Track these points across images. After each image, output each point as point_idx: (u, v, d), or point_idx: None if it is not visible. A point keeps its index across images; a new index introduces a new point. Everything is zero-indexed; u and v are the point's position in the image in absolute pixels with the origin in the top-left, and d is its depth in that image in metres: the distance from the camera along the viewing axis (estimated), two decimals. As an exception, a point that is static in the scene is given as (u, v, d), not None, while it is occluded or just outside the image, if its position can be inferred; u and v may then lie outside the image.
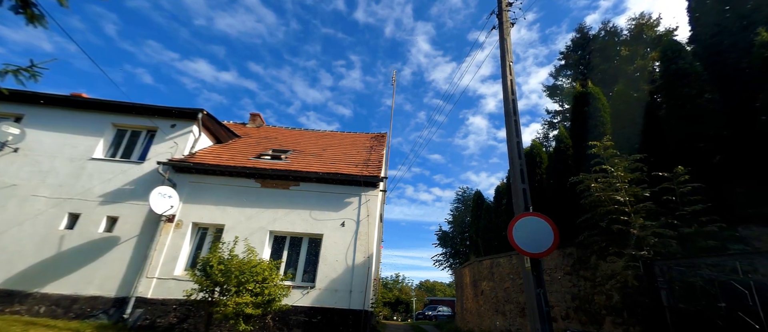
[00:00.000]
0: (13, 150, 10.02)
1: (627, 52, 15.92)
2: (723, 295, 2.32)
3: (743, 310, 2.13)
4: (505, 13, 7.20)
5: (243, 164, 10.72)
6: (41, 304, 8.52)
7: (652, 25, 17.53)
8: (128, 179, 10.07)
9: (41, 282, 8.72)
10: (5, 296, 8.53)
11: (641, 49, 16.01)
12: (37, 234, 9.18)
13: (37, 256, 8.98)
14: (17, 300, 8.52)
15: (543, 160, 8.49)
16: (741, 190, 4.48)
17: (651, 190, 4.51)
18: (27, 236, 9.14)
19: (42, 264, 8.91)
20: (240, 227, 9.71)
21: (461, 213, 25.54)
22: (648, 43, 16.16)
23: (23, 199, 9.54)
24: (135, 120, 10.95)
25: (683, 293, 2.57)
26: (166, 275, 9.05)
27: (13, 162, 9.95)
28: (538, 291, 5.54)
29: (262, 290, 7.77)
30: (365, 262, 9.64)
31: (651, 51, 14.19)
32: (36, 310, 8.44)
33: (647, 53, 14.98)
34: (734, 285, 2.24)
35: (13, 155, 10.01)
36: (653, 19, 17.85)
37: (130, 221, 9.53)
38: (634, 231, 4.12)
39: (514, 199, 6.01)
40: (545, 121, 22.01)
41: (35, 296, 8.59)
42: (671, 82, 5.52)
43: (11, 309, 8.42)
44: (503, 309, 8.89)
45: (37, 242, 9.10)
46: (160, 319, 8.61)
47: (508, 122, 6.50)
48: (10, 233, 9.15)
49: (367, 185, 10.49)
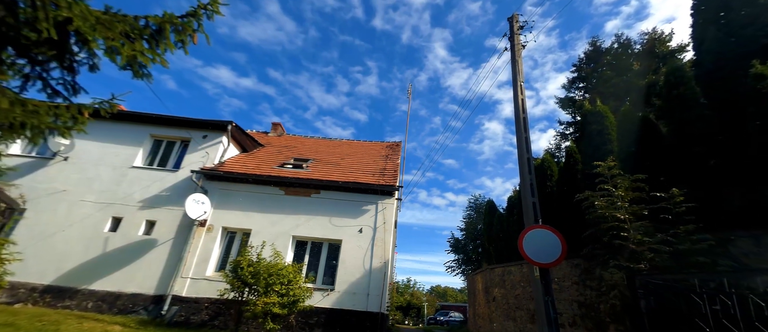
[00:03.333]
0: (64, 159, 11.05)
1: (639, 67, 16.04)
2: (710, 305, 2.76)
3: (726, 318, 2.57)
4: (516, 37, 7.67)
5: (268, 172, 11.45)
6: (89, 300, 9.39)
7: (664, 41, 17.58)
8: (164, 185, 10.93)
9: (88, 279, 9.61)
10: (57, 292, 9.44)
11: (653, 64, 16.11)
12: (84, 236, 10.10)
13: (84, 256, 9.88)
14: (68, 295, 9.41)
15: (554, 173, 8.85)
16: (734, 199, 4.84)
17: (650, 207, 4.89)
18: (75, 237, 10.06)
19: (89, 263, 9.81)
20: (265, 232, 10.40)
21: (473, 221, 25.78)
22: (660, 58, 16.25)
23: (72, 204, 10.50)
24: (170, 131, 11.86)
25: (667, 302, 2.99)
26: (198, 275, 9.80)
27: (63, 170, 10.96)
28: (546, 299, 5.95)
29: (287, 291, 8.38)
30: (382, 267, 10.17)
31: (663, 66, 14.30)
32: (84, 305, 9.31)
33: (659, 68, 15.08)
34: (721, 297, 2.68)
35: (64, 163, 11.03)
36: (665, 35, 17.95)
37: (167, 225, 10.36)
38: (633, 246, 4.52)
39: (525, 212, 6.45)
40: (558, 132, 22.19)
41: (83, 292, 9.47)
42: (672, 106, 5.88)
43: (63, 303, 9.31)
44: (514, 315, 9.25)
45: (85, 243, 10.01)
46: (193, 316, 9.34)
47: (519, 139, 6.95)
48: (60, 234, 10.10)
49: (383, 193, 11.04)
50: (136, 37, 2.64)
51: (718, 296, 2.53)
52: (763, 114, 4.92)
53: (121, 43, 2.50)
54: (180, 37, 2.98)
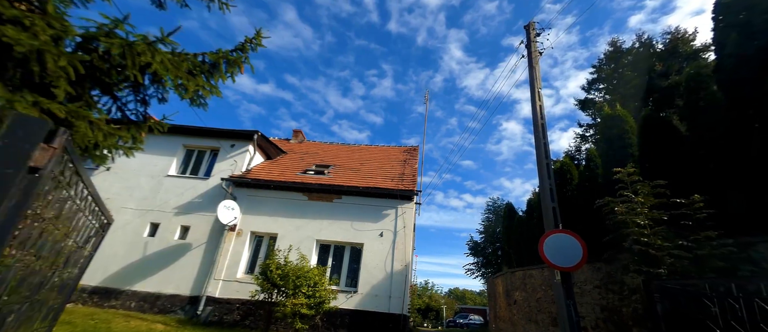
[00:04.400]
0: (107, 169, 11.94)
1: (661, 68, 15.57)
2: (720, 308, 2.90)
3: (734, 321, 2.72)
4: (533, 44, 7.81)
5: (291, 179, 11.98)
6: (132, 300, 10.13)
7: (687, 40, 16.95)
8: (197, 193, 11.64)
9: (131, 281, 10.37)
10: (104, 293, 10.24)
11: (676, 65, 15.60)
12: (126, 241, 10.90)
13: (126, 259, 10.67)
14: (113, 296, 10.20)
15: (573, 177, 8.86)
16: (755, 204, 4.82)
17: (671, 214, 4.94)
18: (119, 242, 10.88)
19: (131, 266, 10.58)
20: (290, 236, 10.89)
21: (492, 223, 25.61)
22: (684, 58, 15.71)
23: (115, 211, 11.34)
24: (201, 141, 12.60)
25: (681, 306, 3.12)
26: (230, 277, 10.38)
27: (106, 179, 11.86)
28: (568, 303, 6.06)
29: (313, 293, 8.79)
30: (403, 270, 10.45)
31: (686, 66, 13.85)
32: (128, 305, 10.06)
33: (683, 68, 14.60)
34: (731, 301, 2.81)
35: (107, 173, 11.92)
36: (689, 34, 17.30)
37: (200, 230, 11.03)
38: (653, 252, 4.59)
39: (545, 216, 6.58)
40: (577, 134, 21.76)
41: (127, 293, 10.24)
42: (693, 111, 5.86)
43: (109, 303, 10.09)
44: (536, 318, 9.30)
45: (127, 247, 10.81)
46: (226, 316, 9.92)
47: (538, 145, 7.09)
48: (106, 239, 10.91)
49: (402, 198, 11.33)
50: (197, 73, 3.07)
51: (727, 299, 2.69)
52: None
53: (187, 80, 2.93)
54: (231, 69, 3.40)
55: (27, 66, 2.05)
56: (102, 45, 2.39)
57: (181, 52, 3.01)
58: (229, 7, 4.78)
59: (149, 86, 3.00)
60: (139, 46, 2.45)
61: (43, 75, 2.11)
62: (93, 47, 2.46)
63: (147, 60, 2.55)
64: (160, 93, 3.20)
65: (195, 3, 5.35)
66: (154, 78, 2.86)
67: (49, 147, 1.16)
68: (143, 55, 2.52)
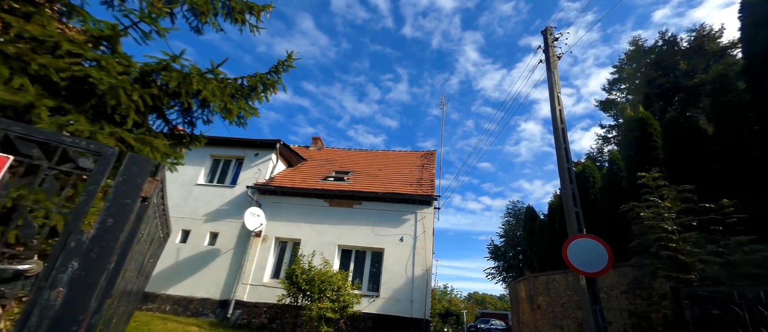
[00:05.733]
0: (141, 179, 12.70)
1: (686, 67, 14.95)
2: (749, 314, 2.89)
3: (764, 326, 2.72)
4: (551, 49, 7.83)
5: (313, 186, 12.33)
6: (167, 303, 10.70)
7: (714, 37, 16.19)
8: (224, 200, 12.18)
9: (165, 285, 10.95)
10: (142, 296, 10.87)
11: (702, 63, 14.93)
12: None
13: (161, 265, 11.27)
14: (150, 299, 10.80)
15: (596, 180, 8.73)
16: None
17: (699, 219, 4.84)
18: (153, 248, 11.52)
19: (165, 270, 11.18)
20: (312, 242, 11.21)
21: (512, 227, 25.24)
22: (710, 56, 15.03)
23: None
24: (227, 151, 13.19)
25: (710, 312, 3.10)
26: (256, 282, 10.80)
27: (141, 189, 12.61)
28: (594, 308, 6.02)
29: (337, 297, 9.04)
30: (424, 274, 10.55)
31: (714, 64, 13.27)
32: (163, 308, 10.63)
33: (709, 66, 13.97)
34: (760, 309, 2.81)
35: (141, 183, 12.69)
36: (715, 31, 16.53)
37: (228, 236, 11.53)
38: (682, 257, 4.53)
39: (568, 221, 6.57)
40: (599, 136, 21.16)
41: (162, 296, 10.82)
42: (719, 113, 5.71)
43: (146, 306, 10.70)
44: (561, 323, 9.17)
45: (162, 253, 11.42)
46: (254, 319, 10.31)
47: (559, 150, 7.09)
48: (141, 245, 11.61)
49: (421, 203, 11.46)
50: (238, 96, 3.38)
51: (757, 306, 2.68)
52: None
53: (231, 104, 3.24)
54: (267, 91, 3.70)
55: (103, 100, 2.38)
56: (161, 78, 2.72)
57: (224, 78, 3.32)
58: (260, 29, 5.13)
59: (196, 108, 3.32)
60: (193, 78, 2.76)
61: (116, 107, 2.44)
62: (152, 79, 2.79)
63: (198, 88, 2.86)
64: (206, 115, 3.53)
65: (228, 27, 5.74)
66: (202, 103, 3.18)
67: (153, 180, 1.42)
68: (196, 85, 2.83)
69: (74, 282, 1.17)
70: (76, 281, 1.17)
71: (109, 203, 1.29)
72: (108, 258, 1.24)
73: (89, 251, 1.22)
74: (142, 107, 2.51)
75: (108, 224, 1.27)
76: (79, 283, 1.18)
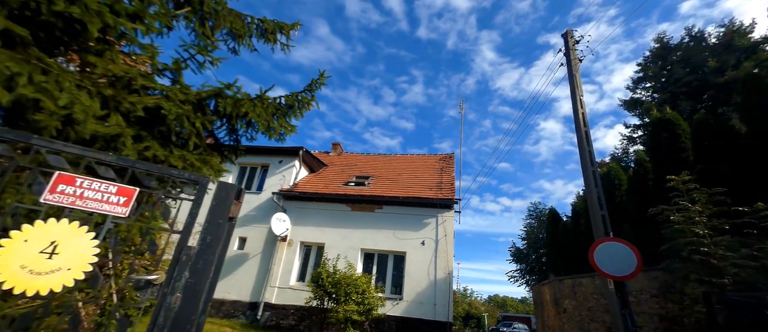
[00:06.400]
0: (175, 187, 13.46)
1: (715, 64, 14.27)
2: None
3: None
4: (572, 52, 7.82)
5: (335, 191, 12.69)
6: (200, 305, 11.29)
7: (744, 33, 15.36)
8: (251, 206, 12.71)
9: (199, 287, 11.55)
10: (177, 297, 11.51)
11: (732, 60, 14.19)
12: (193, 251, 12.17)
13: (194, 268, 11.90)
14: (185, 300, 11.42)
15: (622, 182, 8.57)
16: None
17: (732, 222, 4.74)
18: (187, 252, 12.17)
19: (198, 273, 11.79)
20: (336, 246, 11.53)
21: (534, 230, 24.79)
22: (741, 52, 14.27)
23: (183, 224, 12.73)
24: (253, 159, 13.75)
25: (744, 317, 3.08)
26: (284, 285, 11.21)
27: (174, 196, 13.35)
28: (623, 312, 5.99)
29: (362, 300, 9.29)
30: (446, 277, 10.65)
31: (745, 59, 12.62)
32: (197, 309, 11.22)
33: (740, 63, 13.27)
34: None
35: (175, 191, 13.44)
36: (746, 26, 15.67)
37: (256, 241, 12.04)
38: (714, 261, 4.46)
39: (594, 225, 6.55)
40: (624, 136, 20.44)
41: (196, 298, 11.41)
42: (750, 113, 5.54)
43: (182, 307, 11.32)
44: (588, 327, 9.04)
45: (194, 257, 12.06)
46: (282, 321, 10.72)
47: (582, 153, 7.08)
48: (176, 250, 12.30)
49: (442, 207, 11.57)
50: (279, 115, 3.70)
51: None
52: None
53: (274, 122, 3.56)
54: (302, 108, 4.00)
55: (169, 126, 2.72)
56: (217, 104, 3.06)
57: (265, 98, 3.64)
58: (290, 47, 5.48)
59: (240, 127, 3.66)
60: (244, 104, 3.08)
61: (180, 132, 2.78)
62: (205, 104, 3.13)
63: (247, 110, 3.18)
64: (251, 133, 3.87)
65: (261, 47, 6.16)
66: (248, 123, 3.52)
67: (238, 202, 1.69)
68: (246, 109, 3.16)
69: (187, 288, 1.45)
70: (189, 288, 1.45)
71: (207, 223, 1.57)
72: (210, 268, 1.52)
73: (196, 263, 1.50)
74: (201, 132, 2.85)
75: (207, 241, 1.55)
76: (191, 289, 1.46)
